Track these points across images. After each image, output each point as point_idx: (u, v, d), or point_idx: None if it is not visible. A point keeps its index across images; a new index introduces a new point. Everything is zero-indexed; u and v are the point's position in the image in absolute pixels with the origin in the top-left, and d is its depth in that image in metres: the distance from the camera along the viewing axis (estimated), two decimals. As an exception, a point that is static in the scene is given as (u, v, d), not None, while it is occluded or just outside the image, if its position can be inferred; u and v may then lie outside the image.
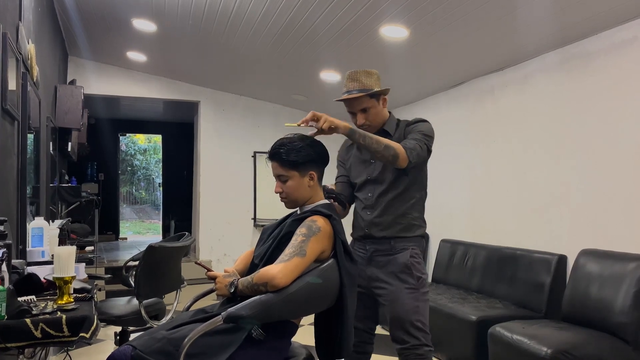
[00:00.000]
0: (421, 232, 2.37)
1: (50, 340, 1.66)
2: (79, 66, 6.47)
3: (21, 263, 2.21)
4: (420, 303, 2.27)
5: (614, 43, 3.52)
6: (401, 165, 2.17)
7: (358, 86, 2.30)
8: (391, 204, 2.32)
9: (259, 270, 1.78)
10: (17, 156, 2.80)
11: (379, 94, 2.33)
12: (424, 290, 2.30)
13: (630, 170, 3.38)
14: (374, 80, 2.32)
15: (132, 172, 19.50)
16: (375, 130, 2.35)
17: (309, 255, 1.77)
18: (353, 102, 2.32)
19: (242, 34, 4.71)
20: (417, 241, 2.34)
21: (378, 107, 2.35)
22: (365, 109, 2.32)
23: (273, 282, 1.70)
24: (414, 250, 2.31)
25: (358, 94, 2.28)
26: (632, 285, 3.02)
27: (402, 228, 2.31)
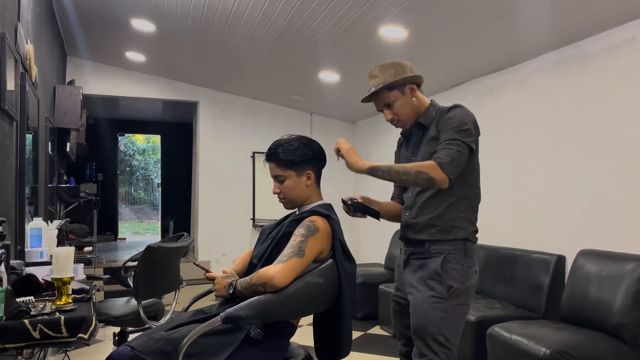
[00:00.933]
0: (463, 235, 2.09)
1: (49, 341, 1.66)
2: (78, 66, 6.47)
3: (19, 264, 2.21)
4: (447, 315, 1.99)
5: (612, 43, 3.53)
6: (443, 186, 1.95)
7: (375, 82, 2.15)
8: (427, 204, 2.10)
9: (257, 270, 1.78)
10: (15, 156, 2.80)
11: (398, 84, 2.13)
12: (455, 301, 2.01)
13: (629, 170, 3.38)
14: (392, 73, 2.13)
15: (130, 173, 19.50)
16: (409, 124, 2.19)
17: (308, 255, 1.77)
18: (376, 99, 2.18)
19: (241, 34, 4.71)
20: (455, 245, 2.07)
21: (403, 98, 2.14)
22: (388, 104, 2.16)
23: (272, 283, 1.70)
24: (452, 255, 2.05)
25: (372, 91, 2.15)
26: (631, 285, 3.02)
27: (438, 230, 2.07)
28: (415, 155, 2.17)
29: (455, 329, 2.03)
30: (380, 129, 6.70)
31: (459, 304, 2.02)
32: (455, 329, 2.03)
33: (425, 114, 2.17)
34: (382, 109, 2.20)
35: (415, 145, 2.20)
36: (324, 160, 2.03)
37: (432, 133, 2.10)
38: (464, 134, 2.02)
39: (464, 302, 2.05)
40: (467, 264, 2.09)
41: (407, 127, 2.20)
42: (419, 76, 2.20)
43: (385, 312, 4.87)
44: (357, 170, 1.99)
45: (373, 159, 5.80)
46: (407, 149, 2.26)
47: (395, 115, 2.17)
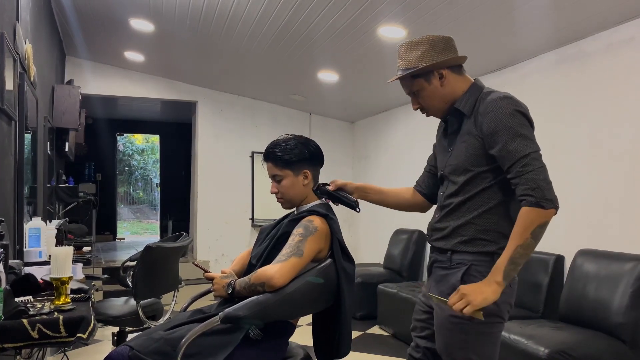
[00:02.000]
0: (491, 249, 1.71)
1: (47, 341, 1.66)
2: (77, 66, 6.46)
3: (18, 263, 2.21)
4: (471, 337, 1.69)
5: (611, 44, 3.53)
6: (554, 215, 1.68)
7: (401, 65, 1.81)
8: (456, 208, 1.78)
9: (256, 270, 1.79)
10: (14, 156, 2.80)
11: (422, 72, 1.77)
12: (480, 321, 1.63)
13: (627, 170, 3.39)
14: (418, 55, 1.77)
15: (129, 172, 19.49)
16: (441, 113, 1.86)
17: (306, 255, 1.77)
18: (402, 83, 1.85)
19: (239, 33, 4.71)
20: (481, 258, 1.72)
21: (430, 87, 1.79)
22: (414, 92, 1.82)
23: (270, 282, 1.70)
24: (475, 267, 1.71)
25: (394, 79, 1.85)
26: (629, 285, 3.02)
27: (463, 240, 1.74)
28: (452, 146, 1.83)
29: (485, 352, 1.72)
30: (379, 129, 6.70)
31: (485, 322, 1.65)
32: (485, 352, 1.72)
33: (463, 99, 1.80)
34: (409, 95, 1.87)
35: (452, 134, 1.85)
36: (321, 160, 2.03)
37: (470, 127, 1.76)
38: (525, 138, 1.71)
39: (492, 321, 1.70)
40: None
41: (440, 116, 1.88)
42: (452, 58, 1.81)
43: (384, 312, 4.88)
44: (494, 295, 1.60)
45: (372, 159, 5.84)
46: (445, 139, 1.90)
47: (421, 105, 1.85)
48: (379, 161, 6.67)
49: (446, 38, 1.83)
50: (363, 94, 6.10)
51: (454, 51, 1.84)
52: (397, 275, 5.50)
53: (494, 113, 1.72)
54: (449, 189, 1.83)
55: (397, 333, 4.63)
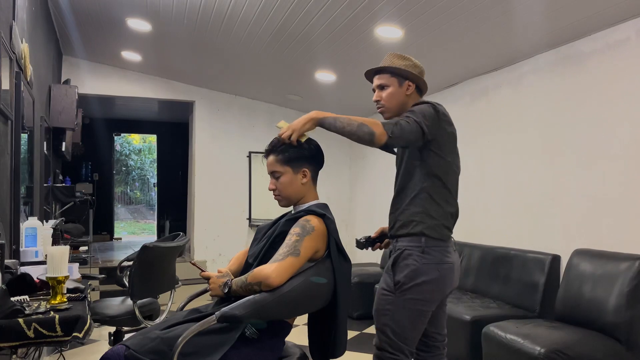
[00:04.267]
0: (419, 229, 2.06)
1: (44, 340, 1.66)
2: (74, 66, 6.45)
3: (14, 263, 2.21)
4: (395, 308, 2.05)
5: (607, 44, 3.54)
6: (380, 142, 1.95)
7: (385, 63, 2.20)
8: (395, 200, 2.19)
9: (252, 270, 1.79)
10: (10, 156, 2.79)
11: (404, 74, 2.17)
12: (404, 296, 2.03)
13: (623, 170, 3.40)
14: (403, 64, 2.18)
15: (126, 172, 19.47)
16: (390, 114, 2.20)
17: (303, 254, 1.78)
18: (375, 76, 2.21)
19: (237, 33, 4.71)
20: (413, 241, 2.07)
21: (397, 90, 2.17)
22: (382, 86, 2.19)
23: (267, 282, 1.70)
24: (407, 252, 2.07)
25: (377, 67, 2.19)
26: (625, 285, 3.03)
27: (400, 225, 2.12)
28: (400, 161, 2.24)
29: (405, 324, 2.05)
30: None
31: (408, 298, 2.03)
32: (405, 324, 2.05)
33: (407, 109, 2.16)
34: (375, 87, 2.22)
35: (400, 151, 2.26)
36: (321, 160, 2.04)
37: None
38: (419, 116, 2.04)
39: (415, 298, 2.04)
40: (422, 260, 2.05)
41: (387, 116, 2.21)
42: (423, 80, 2.23)
43: (381, 312, 4.88)
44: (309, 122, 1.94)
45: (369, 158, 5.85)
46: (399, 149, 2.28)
47: (382, 99, 2.19)
48: (376, 161, 6.68)
49: (423, 68, 2.26)
50: (360, 94, 6.09)
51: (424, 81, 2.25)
52: (394, 275, 5.50)
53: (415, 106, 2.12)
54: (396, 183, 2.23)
55: (394, 333, 4.63)
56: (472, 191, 4.91)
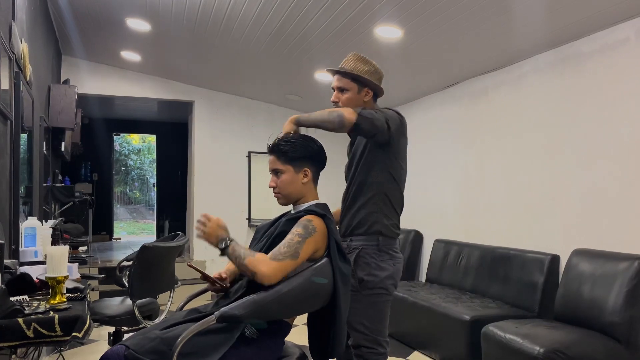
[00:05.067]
0: (376, 228, 2.21)
1: (43, 340, 1.66)
2: (73, 66, 6.44)
3: (13, 263, 2.20)
4: (360, 305, 2.16)
5: (607, 44, 3.55)
6: (350, 120, 2.06)
7: (348, 66, 2.31)
8: (351, 202, 2.29)
9: (255, 254, 1.77)
10: (10, 156, 2.79)
11: (364, 81, 2.29)
12: (368, 292, 2.17)
13: (622, 170, 3.40)
14: (366, 70, 2.29)
15: (126, 172, 19.45)
16: None
17: (301, 257, 1.79)
18: (337, 77, 2.33)
19: (236, 33, 4.71)
20: (369, 240, 2.21)
21: (356, 95, 2.30)
22: (342, 89, 2.30)
23: (261, 279, 1.72)
24: (365, 250, 2.20)
25: (340, 69, 2.30)
26: (624, 284, 3.04)
27: (357, 225, 2.24)
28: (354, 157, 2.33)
29: (375, 317, 2.20)
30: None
31: (374, 293, 2.19)
32: (375, 317, 2.20)
33: None
34: (335, 89, 2.32)
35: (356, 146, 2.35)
36: (323, 161, 2.04)
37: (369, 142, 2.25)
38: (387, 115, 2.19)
39: (379, 292, 2.19)
40: (380, 258, 2.20)
41: None
42: (381, 88, 2.36)
43: (381, 312, 4.88)
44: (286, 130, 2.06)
45: (369, 159, 5.58)
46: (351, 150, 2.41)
47: (340, 101, 2.30)
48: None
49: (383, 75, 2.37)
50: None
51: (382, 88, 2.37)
52: (393, 275, 5.51)
53: None
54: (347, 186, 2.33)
55: (394, 333, 4.63)
56: (471, 191, 4.92)
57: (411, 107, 5.95)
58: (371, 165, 2.25)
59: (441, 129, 5.39)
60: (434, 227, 5.44)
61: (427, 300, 4.17)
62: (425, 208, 5.63)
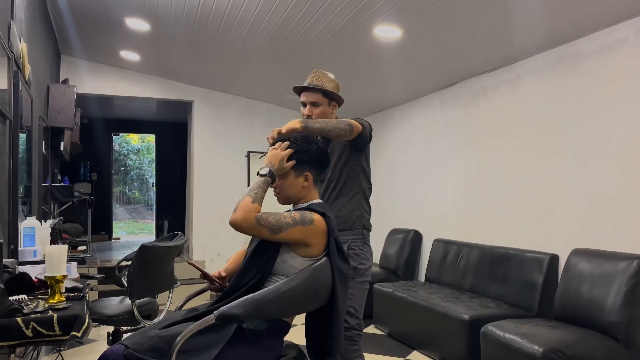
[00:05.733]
0: (361, 224, 2.50)
1: (42, 339, 1.66)
2: (72, 65, 6.44)
3: (12, 262, 2.20)
4: (355, 291, 2.40)
5: (605, 44, 3.55)
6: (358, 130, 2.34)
7: (317, 82, 2.55)
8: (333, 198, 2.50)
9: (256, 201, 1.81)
10: (8, 155, 2.79)
11: (333, 96, 2.55)
12: (360, 279, 2.44)
13: (621, 170, 3.41)
14: (333, 86, 2.55)
15: (125, 172, 19.44)
16: None
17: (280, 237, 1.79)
18: (310, 92, 2.53)
19: (235, 33, 4.71)
20: (356, 234, 2.49)
21: (327, 108, 2.53)
22: (315, 103, 2.51)
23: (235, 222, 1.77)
24: (354, 243, 2.46)
25: (316, 86, 2.52)
26: (623, 284, 3.04)
27: (342, 220, 2.44)
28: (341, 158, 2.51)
29: (361, 302, 2.46)
30: (375, 129, 6.69)
31: (363, 281, 2.45)
32: (361, 302, 2.46)
33: None
34: (308, 103, 2.52)
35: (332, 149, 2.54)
36: (325, 163, 2.04)
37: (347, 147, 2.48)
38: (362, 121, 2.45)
39: (365, 280, 2.47)
40: (365, 249, 2.49)
41: None
42: (343, 100, 2.61)
43: (380, 312, 4.89)
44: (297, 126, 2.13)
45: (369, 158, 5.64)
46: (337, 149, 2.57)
47: (314, 115, 2.50)
48: (375, 161, 6.67)
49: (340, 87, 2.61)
50: (359, 93, 6.10)
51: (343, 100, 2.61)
52: (392, 275, 5.51)
53: None
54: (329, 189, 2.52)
55: (393, 332, 4.64)
56: (470, 190, 4.92)
57: (410, 107, 5.95)
58: (351, 167, 2.51)
59: (440, 129, 5.40)
60: (433, 227, 5.44)
61: (426, 300, 4.17)
62: (424, 207, 5.63)
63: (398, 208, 6.14)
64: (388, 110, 6.39)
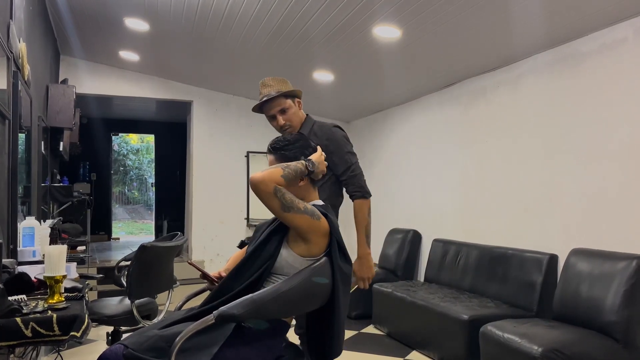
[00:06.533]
0: None
1: (41, 340, 1.65)
2: (71, 65, 6.44)
3: (12, 262, 2.20)
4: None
5: (605, 43, 3.55)
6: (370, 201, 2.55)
7: (271, 90, 2.52)
8: None
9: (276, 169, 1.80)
10: (8, 155, 2.79)
11: (294, 94, 2.53)
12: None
13: (621, 170, 3.41)
14: (286, 85, 2.52)
15: (124, 172, 19.43)
16: (295, 130, 2.52)
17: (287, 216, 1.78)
18: (271, 104, 2.50)
19: (235, 33, 4.71)
20: None
21: (294, 107, 2.52)
22: (283, 110, 2.49)
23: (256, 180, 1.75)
24: None
25: (276, 94, 2.48)
26: (622, 284, 3.04)
27: None
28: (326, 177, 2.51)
29: None
30: (375, 129, 6.71)
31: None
32: None
33: (305, 124, 2.57)
34: (276, 114, 2.50)
35: None
36: None
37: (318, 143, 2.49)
38: (353, 154, 2.55)
39: None
40: None
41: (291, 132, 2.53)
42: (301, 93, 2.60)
43: (379, 312, 4.89)
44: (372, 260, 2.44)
45: (368, 158, 5.89)
46: None
47: (288, 121, 2.50)
48: (374, 161, 6.68)
49: None
50: (358, 93, 6.11)
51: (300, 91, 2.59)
52: (392, 275, 5.51)
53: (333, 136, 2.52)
54: None
55: (392, 332, 4.64)
56: (470, 190, 4.92)
57: (410, 107, 5.95)
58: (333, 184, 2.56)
59: (440, 129, 5.40)
60: (432, 227, 5.44)
61: (425, 300, 4.17)
62: (423, 207, 5.64)
63: (397, 208, 6.14)
64: (388, 110, 6.39)
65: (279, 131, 2.53)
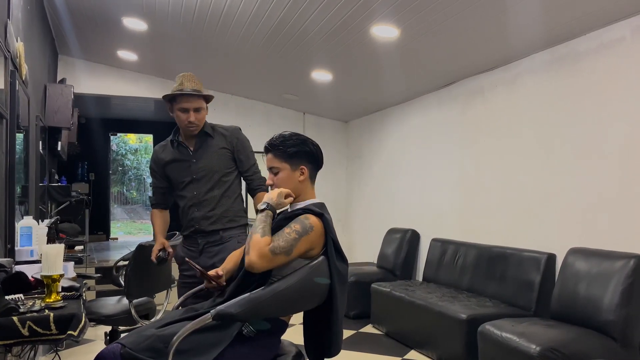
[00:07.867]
0: (244, 222, 2.76)
1: (38, 339, 1.65)
2: (69, 65, 6.43)
3: (9, 261, 2.20)
4: None
5: (602, 43, 3.56)
6: None
7: (195, 87, 2.68)
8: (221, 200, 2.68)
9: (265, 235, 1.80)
10: (5, 155, 2.78)
11: (209, 100, 2.75)
12: None
13: (619, 169, 3.41)
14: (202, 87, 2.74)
15: (123, 172, 19.42)
16: (199, 129, 2.71)
17: (293, 255, 1.80)
18: (191, 100, 2.65)
19: (233, 33, 4.71)
20: (240, 229, 2.72)
21: (205, 110, 2.72)
22: (198, 109, 2.67)
23: (247, 263, 1.75)
24: (241, 237, 2.68)
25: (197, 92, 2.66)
26: (620, 283, 3.05)
27: (229, 220, 2.67)
28: (198, 158, 2.70)
29: None
30: (373, 128, 6.71)
31: None
32: None
33: (206, 126, 2.76)
34: (191, 110, 2.65)
35: (201, 150, 2.73)
36: (320, 161, 2.05)
37: (222, 144, 2.75)
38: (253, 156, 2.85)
39: None
40: None
41: (195, 133, 2.72)
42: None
43: (378, 311, 4.89)
44: None
45: (366, 158, 5.90)
46: (185, 156, 2.75)
47: (197, 120, 2.67)
48: (373, 161, 6.69)
49: None
50: (357, 93, 6.11)
51: None
52: (390, 274, 5.51)
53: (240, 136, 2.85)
54: (205, 187, 2.68)
55: (390, 332, 4.64)
56: (468, 190, 4.93)
57: (408, 107, 5.95)
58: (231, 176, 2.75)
59: (438, 129, 5.40)
60: (430, 226, 5.45)
61: (423, 299, 4.17)
62: (422, 207, 5.64)
63: (396, 208, 6.14)
64: (386, 109, 6.40)
65: (180, 125, 2.70)
